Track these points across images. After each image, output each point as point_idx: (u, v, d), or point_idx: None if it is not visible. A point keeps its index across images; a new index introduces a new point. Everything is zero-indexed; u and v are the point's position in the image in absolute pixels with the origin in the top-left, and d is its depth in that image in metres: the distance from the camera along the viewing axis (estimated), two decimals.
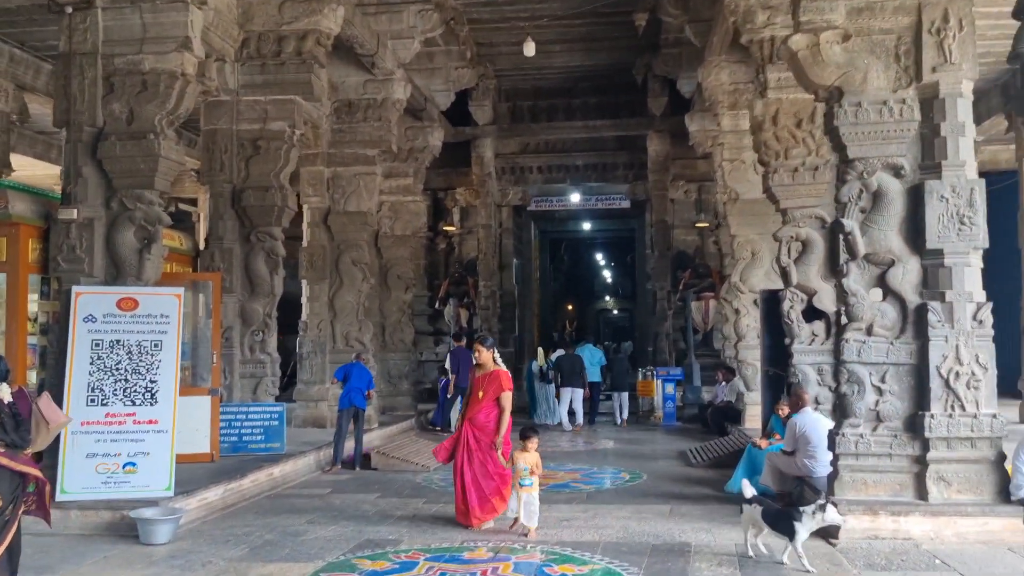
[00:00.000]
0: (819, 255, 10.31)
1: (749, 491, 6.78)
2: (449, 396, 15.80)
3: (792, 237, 10.37)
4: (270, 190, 11.31)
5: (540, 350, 18.48)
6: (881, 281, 7.41)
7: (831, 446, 7.54)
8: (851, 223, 7.41)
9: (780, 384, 10.65)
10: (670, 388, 17.35)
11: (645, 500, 9.09)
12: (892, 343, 7.31)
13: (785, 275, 10.37)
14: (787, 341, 10.37)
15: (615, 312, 46.98)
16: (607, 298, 46.95)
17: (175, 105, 8.33)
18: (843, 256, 9.96)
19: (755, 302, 13.73)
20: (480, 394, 7.78)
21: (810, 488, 8.15)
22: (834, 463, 7.47)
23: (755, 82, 10.53)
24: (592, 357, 17.58)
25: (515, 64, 18.59)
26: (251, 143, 11.42)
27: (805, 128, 10.32)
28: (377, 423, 14.42)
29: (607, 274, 45.12)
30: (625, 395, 17.25)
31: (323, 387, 14.15)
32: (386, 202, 17.19)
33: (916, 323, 7.26)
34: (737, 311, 13.79)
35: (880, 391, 7.30)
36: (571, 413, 16.37)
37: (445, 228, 21.56)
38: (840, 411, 7.48)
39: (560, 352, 17.34)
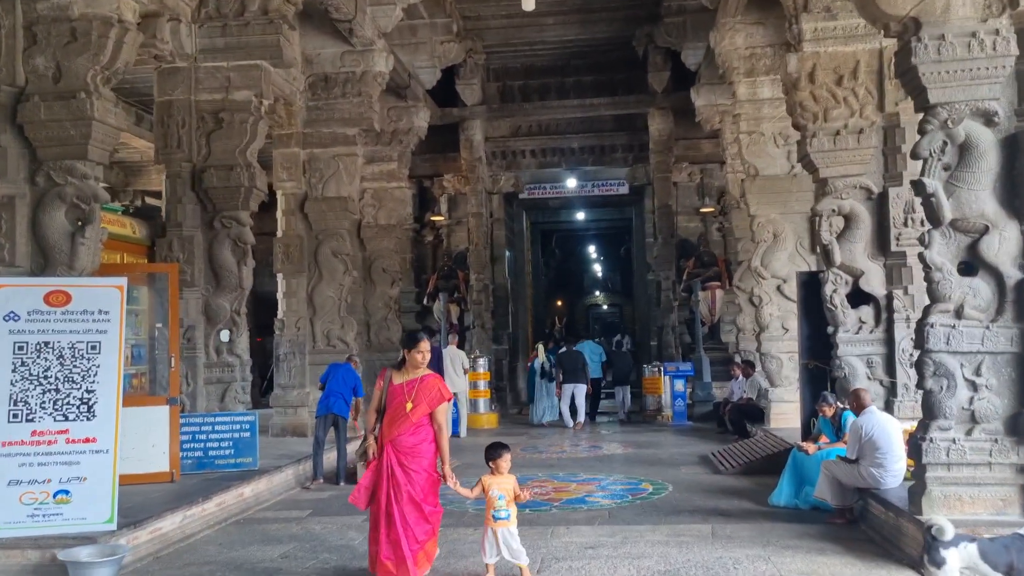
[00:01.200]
0: (865, 231, 9.06)
1: (950, 531, 5.08)
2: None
3: (834, 211, 9.09)
4: (235, 169, 9.91)
5: (540, 346, 17.64)
6: (972, 252, 6.11)
7: (913, 453, 6.24)
8: (934, 183, 6.12)
9: (822, 379, 9.37)
10: (680, 385, 16.06)
11: (679, 518, 7.76)
12: (988, 327, 6.01)
13: (827, 254, 9.10)
14: (829, 330, 9.12)
15: (605, 308, 45.85)
16: (597, 293, 45.73)
17: (111, 58, 6.99)
18: (903, 228, 8.79)
19: (778, 288, 12.47)
20: (409, 406, 5.66)
21: (879, 502, 6.87)
22: (918, 474, 6.17)
23: (788, 32, 9.21)
24: (592, 353, 17.40)
25: (505, 39, 17.26)
26: (212, 116, 10.02)
27: (847, 85, 9.02)
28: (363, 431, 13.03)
29: (598, 268, 43.91)
30: (627, 389, 17.17)
31: (303, 391, 12.78)
32: (369, 189, 15.81)
33: (1017, 302, 5.97)
34: (759, 298, 12.48)
35: (974, 386, 5.99)
36: (572, 410, 15.92)
37: (432, 218, 20.17)
38: (926, 411, 6.17)
39: (562, 348, 16.62)
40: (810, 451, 7.99)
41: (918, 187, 6.18)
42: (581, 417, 15.94)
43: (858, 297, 9.06)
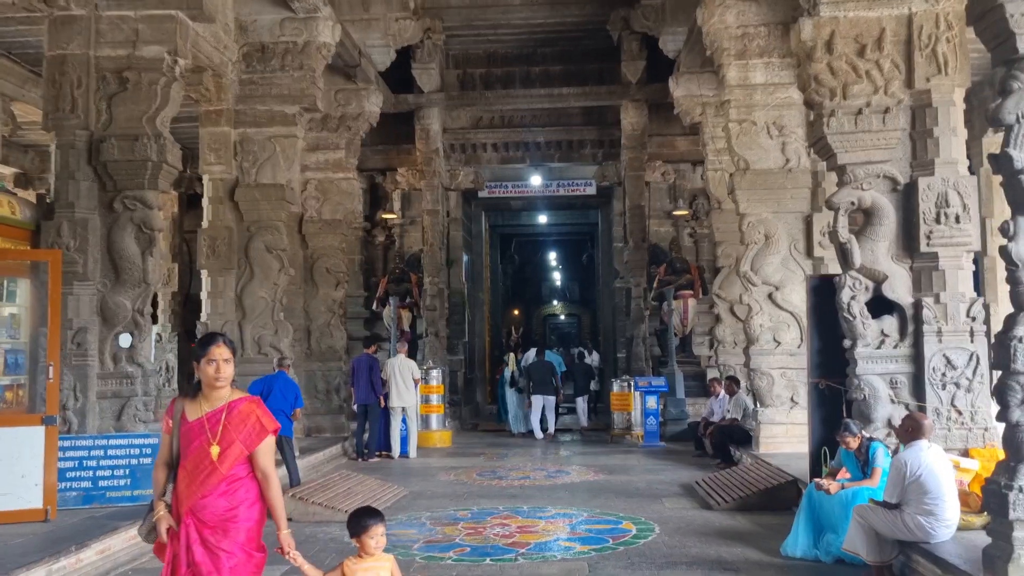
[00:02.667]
0: (890, 227, 7.71)
1: None
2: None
3: (853, 204, 7.73)
4: (141, 140, 8.23)
5: (511, 355, 17.24)
6: None
7: (991, 504, 4.84)
8: (1022, 156, 4.74)
9: (835, 402, 7.98)
10: (652, 402, 14.66)
11: (674, 572, 6.30)
12: None
13: (844, 255, 7.73)
14: (846, 343, 7.74)
15: (562, 318, 44.68)
16: (555, 303, 44.50)
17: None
18: (935, 225, 7.41)
19: (770, 296, 11.12)
20: (214, 451, 3.76)
21: (931, 560, 5.47)
22: (1000, 532, 4.77)
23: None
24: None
25: (467, 20, 15.77)
26: (115, 76, 8.34)
27: (870, 57, 7.67)
28: (296, 450, 11.39)
29: (557, 276, 42.68)
30: (586, 399, 16.99)
31: None
32: (312, 180, 14.21)
33: None
34: (749, 308, 11.12)
35: None
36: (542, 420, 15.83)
37: (384, 216, 18.57)
38: (1011, 450, 4.78)
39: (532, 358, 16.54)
40: (831, 490, 6.57)
41: (1002, 162, 4.79)
42: (551, 427, 15.94)
43: (880, 306, 7.69)
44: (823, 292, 8.05)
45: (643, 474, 11.31)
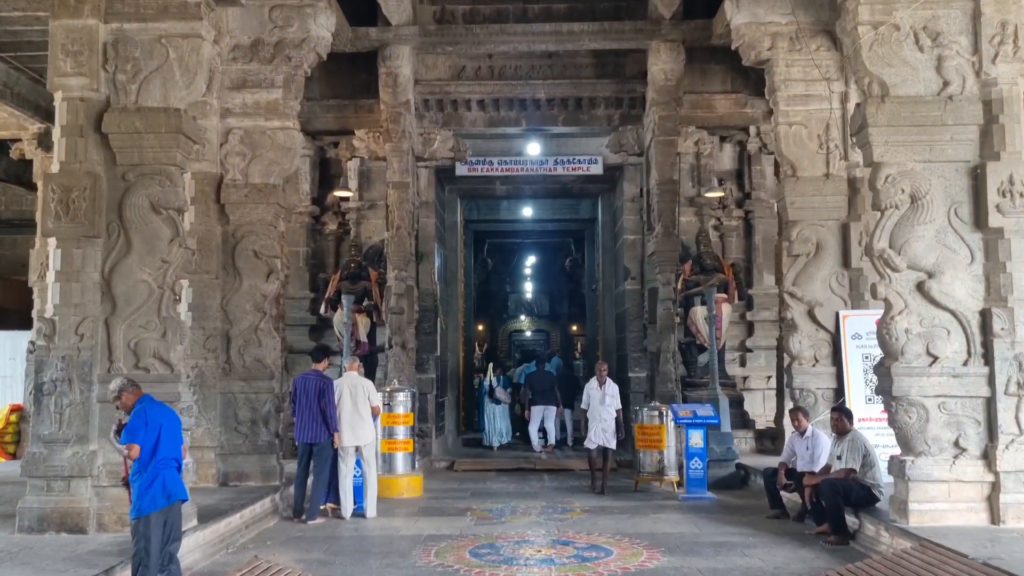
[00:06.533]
0: None
1: None
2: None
3: None
4: None
5: (491, 366, 16.78)
6: None
7: None
8: None
9: None
10: (697, 438, 10.85)
11: None
12: None
13: None
14: None
15: (528, 334, 41.10)
16: (522, 317, 40.86)
17: None
18: None
19: (919, 286, 7.40)
20: None
21: None
22: None
23: None
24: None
25: None
26: None
27: None
28: (195, 519, 7.36)
29: (528, 287, 39.10)
30: (553, 410, 15.22)
31: (84, 450, 7.12)
32: (236, 129, 10.30)
33: None
34: (889, 304, 7.37)
35: None
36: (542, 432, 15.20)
37: (337, 196, 14.57)
38: None
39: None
40: None
41: None
42: (551, 439, 15.38)
43: None
44: None
45: (718, 553, 7.51)
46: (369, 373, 13.53)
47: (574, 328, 35.97)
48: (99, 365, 7.34)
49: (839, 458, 8.17)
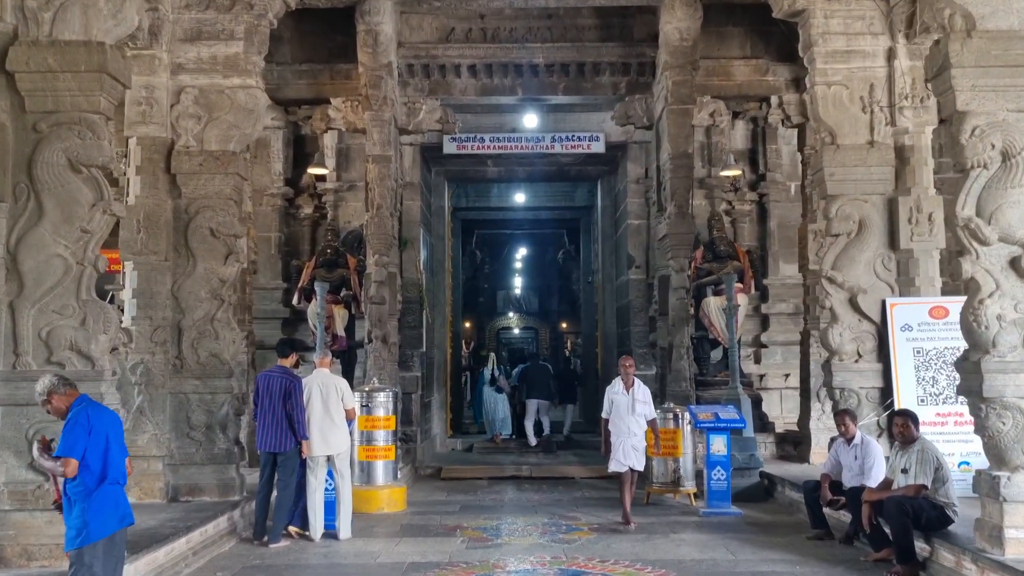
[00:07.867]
0: None
1: None
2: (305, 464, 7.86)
3: None
4: None
5: (492, 355, 17.47)
6: None
7: None
8: None
9: None
10: (720, 444, 9.50)
11: None
12: None
13: None
14: None
15: (516, 331, 39.93)
16: (510, 314, 39.67)
17: None
18: None
19: (1012, 263, 6.06)
20: None
21: None
22: None
23: None
24: None
25: None
26: None
27: None
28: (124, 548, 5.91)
29: (517, 283, 37.91)
30: (545, 404, 15.26)
31: None
32: (189, 88, 8.83)
33: None
34: (978, 284, 6.02)
35: None
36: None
37: (312, 173, 13.13)
38: None
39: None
40: None
41: None
42: (546, 429, 15.16)
43: None
44: None
45: None
46: (347, 371, 12.15)
47: (564, 326, 34.82)
48: (1, 359, 5.91)
49: (904, 471, 6.80)
